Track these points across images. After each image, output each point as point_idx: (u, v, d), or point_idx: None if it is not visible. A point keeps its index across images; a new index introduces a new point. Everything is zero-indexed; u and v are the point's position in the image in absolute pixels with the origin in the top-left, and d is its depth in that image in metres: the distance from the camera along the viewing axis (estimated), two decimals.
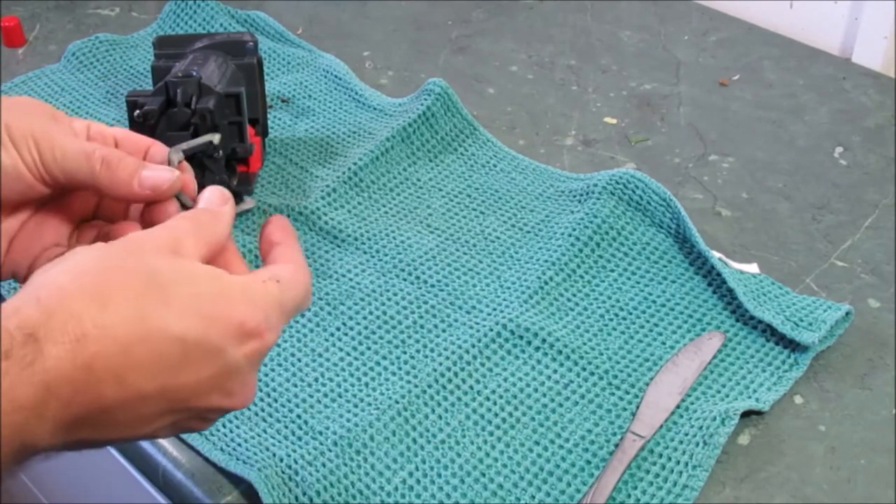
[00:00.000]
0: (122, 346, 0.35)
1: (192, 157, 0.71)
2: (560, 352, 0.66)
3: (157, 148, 0.47)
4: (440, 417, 0.62)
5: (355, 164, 0.82)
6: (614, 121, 0.91)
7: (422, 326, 0.69)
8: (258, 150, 0.77)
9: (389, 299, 0.71)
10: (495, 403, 0.63)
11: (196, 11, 1.02)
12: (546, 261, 0.73)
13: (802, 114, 0.92)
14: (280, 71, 0.97)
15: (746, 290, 0.69)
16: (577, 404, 0.63)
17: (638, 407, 0.63)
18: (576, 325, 0.69)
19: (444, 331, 0.68)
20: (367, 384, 0.65)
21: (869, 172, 0.84)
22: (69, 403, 0.34)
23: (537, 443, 0.61)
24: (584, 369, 0.65)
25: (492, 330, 0.67)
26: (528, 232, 0.77)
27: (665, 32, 1.04)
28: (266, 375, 0.65)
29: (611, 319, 0.69)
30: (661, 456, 0.60)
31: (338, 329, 0.69)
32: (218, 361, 0.38)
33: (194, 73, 0.70)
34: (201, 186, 0.46)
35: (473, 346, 0.66)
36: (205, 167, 0.69)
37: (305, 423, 0.62)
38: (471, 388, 0.64)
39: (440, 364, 0.65)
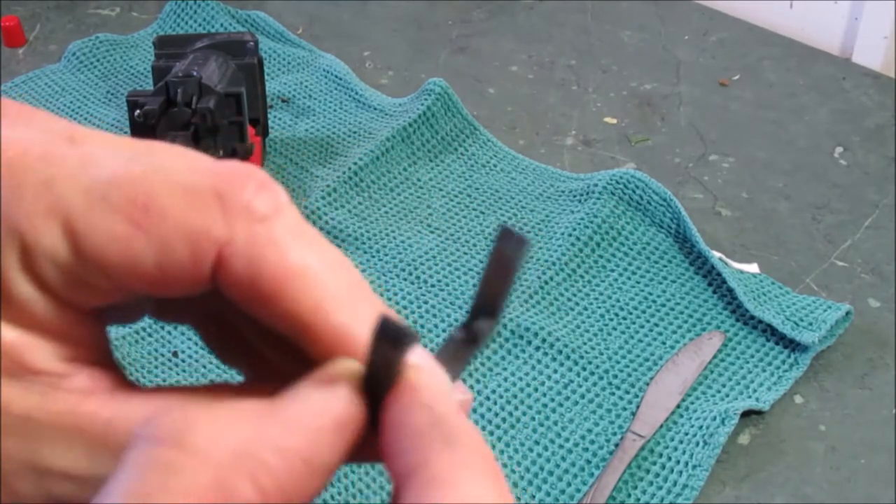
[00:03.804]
0: None
1: None
2: (560, 352, 0.66)
3: None
4: None
5: (355, 163, 0.82)
6: (614, 121, 0.91)
7: (422, 326, 0.69)
8: (258, 150, 0.77)
9: (389, 299, 0.71)
10: (495, 403, 0.63)
11: (196, 11, 1.02)
12: (546, 261, 0.73)
13: (802, 114, 0.92)
14: (280, 71, 0.97)
15: (746, 289, 0.69)
16: (577, 404, 0.63)
17: (638, 407, 0.63)
18: (576, 325, 0.69)
19: (444, 331, 0.68)
20: None
21: (869, 172, 0.84)
22: None
23: (537, 443, 0.61)
24: (584, 369, 0.65)
25: None
26: (528, 232, 0.77)
27: (665, 32, 1.04)
28: None
29: (611, 319, 0.69)
30: (661, 456, 0.60)
31: None
32: None
33: (195, 73, 0.70)
34: None
35: None
36: None
37: None
38: (471, 387, 0.64)
39: None
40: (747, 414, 0.63)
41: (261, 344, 0.24)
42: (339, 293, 0.22)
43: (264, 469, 0.19)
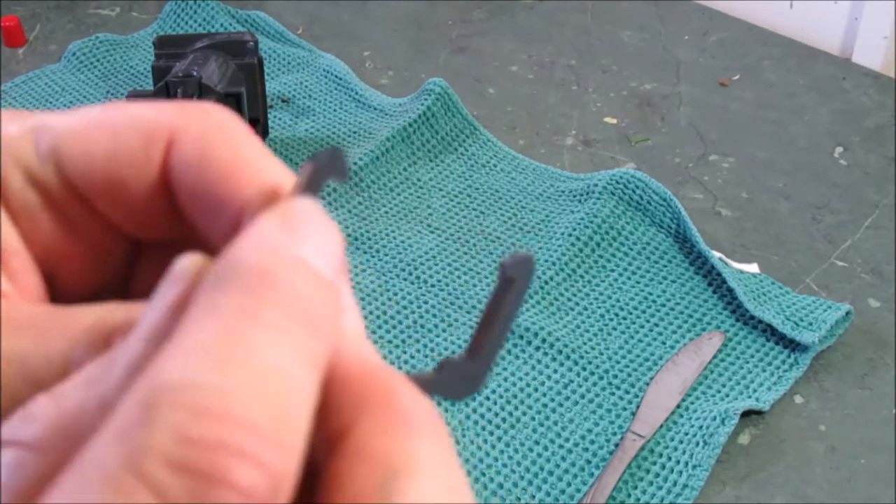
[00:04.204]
0: None
1: None
2: (560, 352, 0.66)
3: None
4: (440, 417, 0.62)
5: (356, 163, 0.82)
6: (614, 121, 0.91)
7: (422, 326, 0.69)
8: None
9: (389, 299, 0.71)
10: (495, 403, 0.63)
11: (196, 11, 1.02)
12: (546, 261, 0.73)
13: (802, 114, 0.92)
14: (280, 71, 0.97)
15: (746, 289, 0.69)
16: (577, 404, 0.63)
17: (638, 407, 0.63)
18: (576, 325, 0.69)
19: (444, 331, 0.68)
20: None
21: (869, 172, 0.84)
22: None
23: (537, 443, 0.61)
24: (584, 369, 0.65)
25: None
26: (528, 232, 0.77)
27: (665, 32, 1.04)
28: None
29: (611, 319, 0.69)
30: (661, 456, 0.60)
31: None
32: None
33: (195, 73, 0.70)
34: None
35: None
36: None
37: None
38: None
39: None
40: (747, 414, 0.63)
41: None
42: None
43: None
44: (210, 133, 0.20)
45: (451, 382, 0.20)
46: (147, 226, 0.21)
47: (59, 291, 0.22)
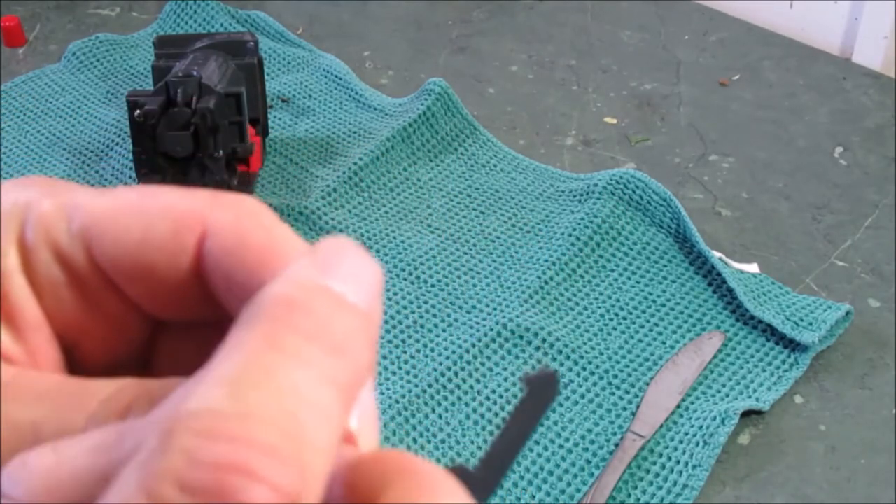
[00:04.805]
0: None
1: (192, 157, 0.71)
2: (560, 352, 0.66)
3: None
4: (440, 417, 0.62)
5: (356, 163, 0.82)
6: (614, 121, 0.91)
7: (422, 326, 0.69)
8: (258, 150, 0.77)
9: (389, 299, 0.71)
10: (495, 403, 0.63)
11: (196, 11, 1.02)
12: (546, 261, 0.73)
13: (802, 114, 0.92)
14: (280, 71, 0.97)
15: (746, 289, 0.69)
16: (577, 404, 0.63)
17: (638, 407, 0.63)
18: (576, 325, 0.69)
19: (444, 331, 0.68)
20: None
21: (869, 172, 0.84)
22: None
23: (537, 443, 0.61)
24: (584, 369, 0.65)
25: (492, 330, 0.67)
26: (528, 232, 0.77)
27: (665, 32, 1.04)
28: None
29: (611, 319, 0.69)
30: (661, 456, 0.60)
31: None
32: None
33: (195, 73, 0.70)
34: (203, 186, 0.36)
35: (473, 346, 0.66)
36: (205, 167, 0.69)
37: None
38: (471, 387, 0.64)
39: (440, 364, 0.65)
40: (747, 414, 0.63)
41: None
42: None
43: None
44: (244, 219, 0.20)
45: None
46: (172, 308, 0.22)
47: (78, 364, 0.22)
